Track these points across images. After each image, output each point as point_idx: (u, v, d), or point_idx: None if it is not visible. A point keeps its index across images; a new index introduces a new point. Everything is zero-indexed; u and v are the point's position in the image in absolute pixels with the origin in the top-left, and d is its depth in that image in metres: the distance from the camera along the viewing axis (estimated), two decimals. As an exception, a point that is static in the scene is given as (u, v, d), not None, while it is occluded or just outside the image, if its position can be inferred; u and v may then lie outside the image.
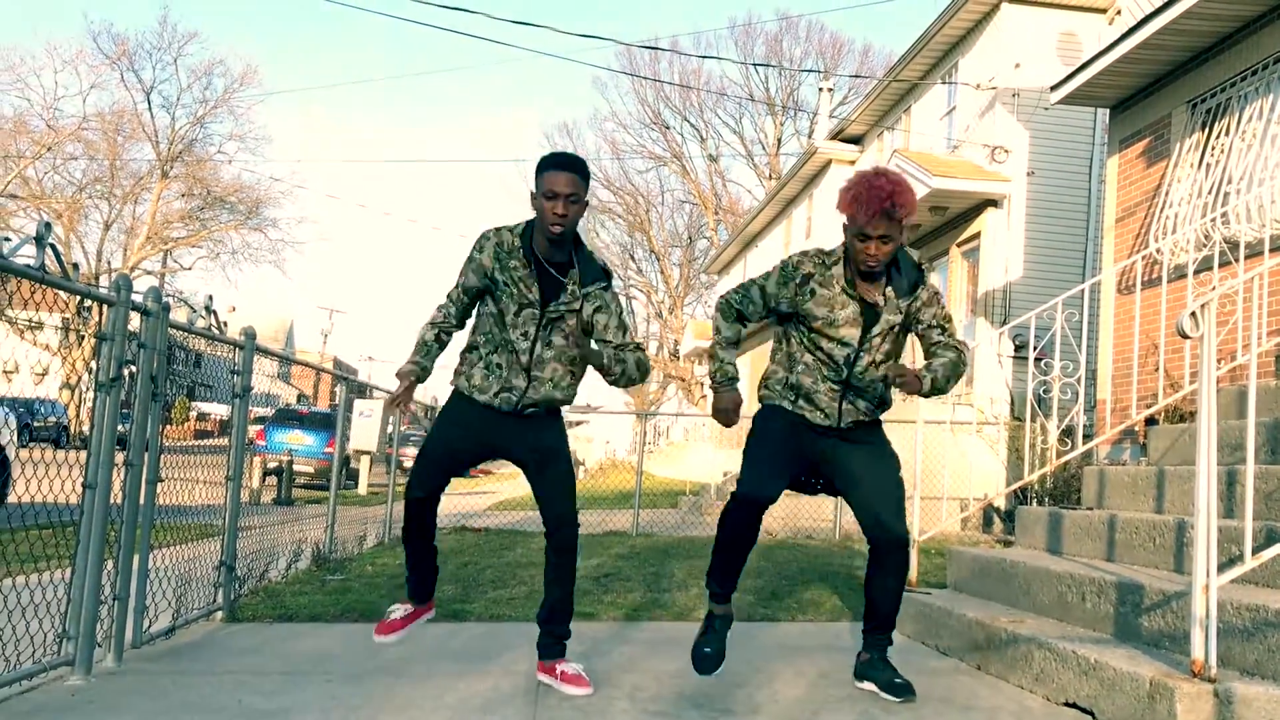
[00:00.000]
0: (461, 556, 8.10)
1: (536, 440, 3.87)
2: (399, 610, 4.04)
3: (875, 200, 3.47)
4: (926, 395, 3.69)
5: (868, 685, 3.85)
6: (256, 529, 7.03)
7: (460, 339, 3.95)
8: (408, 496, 3.90)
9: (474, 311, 3.93)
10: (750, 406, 3.94)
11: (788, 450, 3.76)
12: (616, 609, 5.76)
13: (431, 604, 4.16)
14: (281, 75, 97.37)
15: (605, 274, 3.88)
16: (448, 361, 4.04)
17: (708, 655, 3.80)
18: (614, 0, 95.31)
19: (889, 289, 3.67)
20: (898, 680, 3.77)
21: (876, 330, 3.67)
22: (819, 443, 3.76)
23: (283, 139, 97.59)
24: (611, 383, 3.89)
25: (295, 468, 16.70)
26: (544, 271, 3.75)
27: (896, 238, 3.54)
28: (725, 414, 3.81)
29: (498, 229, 3.82)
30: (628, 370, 3.85)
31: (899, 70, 18.22)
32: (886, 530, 3.70)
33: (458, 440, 3.91)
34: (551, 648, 3.91)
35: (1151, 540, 4.52)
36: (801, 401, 3.75)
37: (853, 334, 3.66)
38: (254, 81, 57.92)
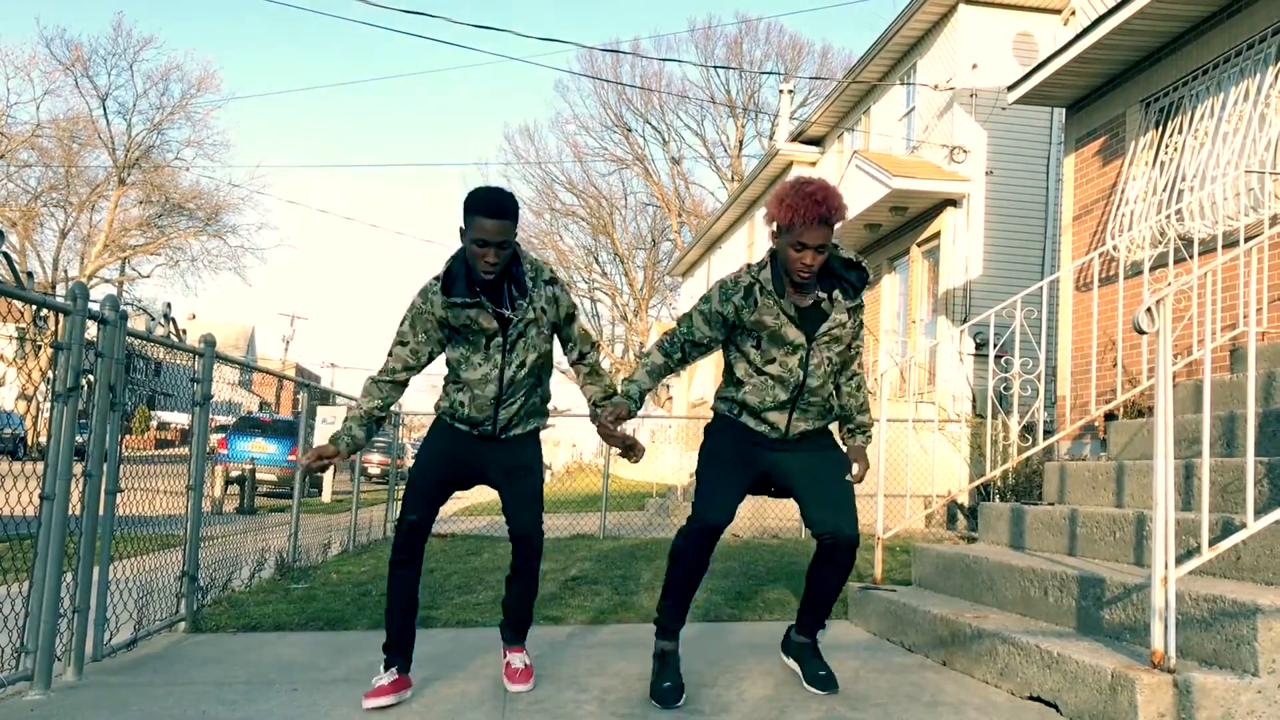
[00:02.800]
0: (427, 563, 8.03)
1: (511, 460, 3.88)
2: (385, 677, 3.76)
3: (812, 208, 3.45)
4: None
5: (793, 664, 4.04)
6: (219, 538, 6.97)
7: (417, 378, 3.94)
8: (400, 521, 3.83)
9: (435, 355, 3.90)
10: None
11: (738, 467, 3.79)
12: (584, 612, 5.75)
13: (410, 681, 3.85)
14: (241, 80, 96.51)
15: (538, 269, 3.82)
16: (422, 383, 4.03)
17: (668, 690, 3.73)
18: (574, 3, 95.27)
19: (835, 292, 3.67)
20: (822, 673, 3.89)
21: (824, 329, 3.67)
22: (768, 453, 3.79)
23: (242, 144, 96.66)
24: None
25: (258, 476, 16.55)
26: (492, 296, 3.71)
27: (829, 245, 3.56)
28: (613, 421, 3.67)
29: (431, 286, 3.76)
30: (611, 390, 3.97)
31: (858, 72, 18.34)
32: (837, 533, 3.70)
33: (443, 467, 3.89)
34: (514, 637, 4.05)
35: (1112, 534, 4.58)
36: (747, 418, 3.78)
37: (800, 336, 3.66)
38: (212, 87, 57.40)
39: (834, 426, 3.95)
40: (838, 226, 3.58)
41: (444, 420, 3.91)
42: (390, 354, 3.83)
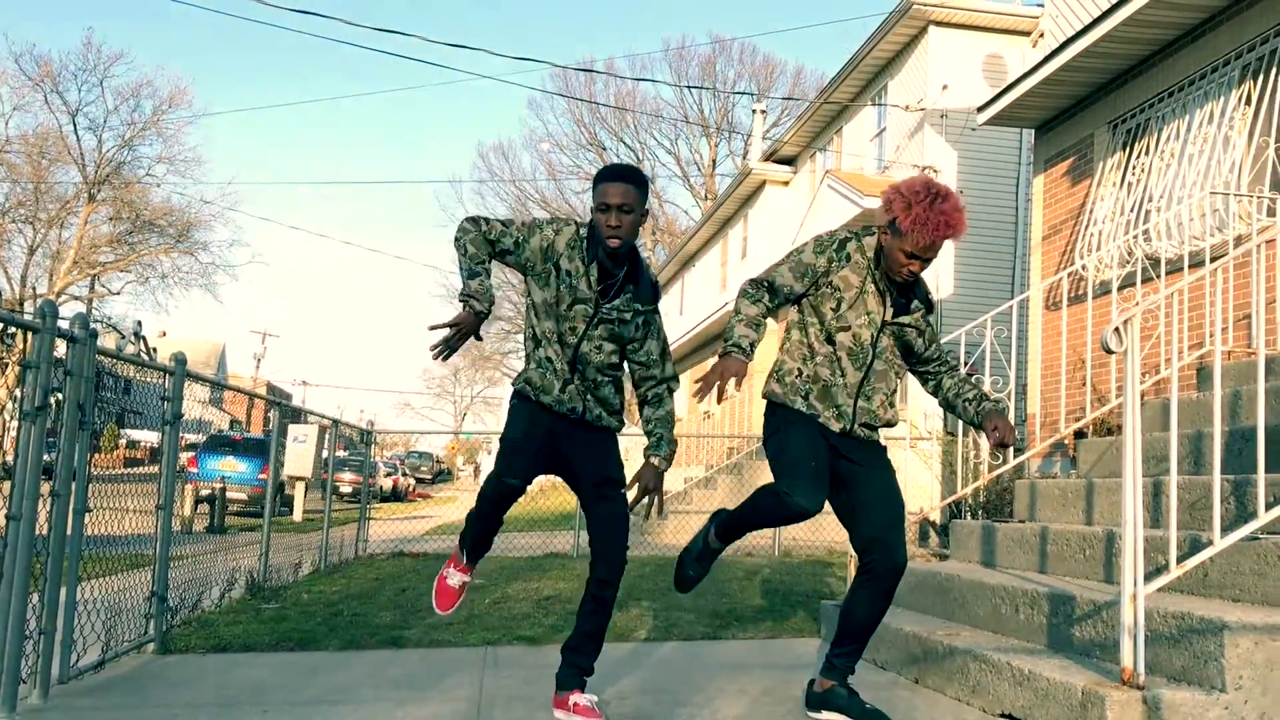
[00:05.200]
0: (399, 582, 8.02)
1: (601, 468, 3.75)
2: (455, 577, 3.97)
3: (942, 229, 3.42)
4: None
5: (828, 715, 3.74)
6: (189, 558, 6.90)
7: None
8: (492, 482, 3.71)
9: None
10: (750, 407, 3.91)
11: (821, 459, 3.57)
12: (558, 632, 5.73)
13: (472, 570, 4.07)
14: (213, 97, 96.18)
15: (656, 294, 3.82)
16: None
17: (690, 578, 3.83)
18: (549, 23, 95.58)
19: (915, 301, 3.67)
20: (868, 707, 3.69)
21: (906, 319, 3.64)
22: (837, 460, 3.62)
23: (214, 161, 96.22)
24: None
25: (228, 495, 16.41)
26: (605, 272, 3.65)
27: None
28: (727, 374, 3.39)
29: (568, 223, 3.71)
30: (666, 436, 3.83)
31: (830, 92, 18.48)
32: (891, 556, 3.58)
33: (536, 439, 3.73)
34: (571, 679, 3.77)
35: (1082, 551, 4.61)
36: (815, 400, 3.61)
37: (880, 309, 3.58)
38: (183, 103, 56.91)
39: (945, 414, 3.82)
40: None
41: (526, 396, 3.75)
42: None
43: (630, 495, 3.76)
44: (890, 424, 3.72)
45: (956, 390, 3.82)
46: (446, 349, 3.47)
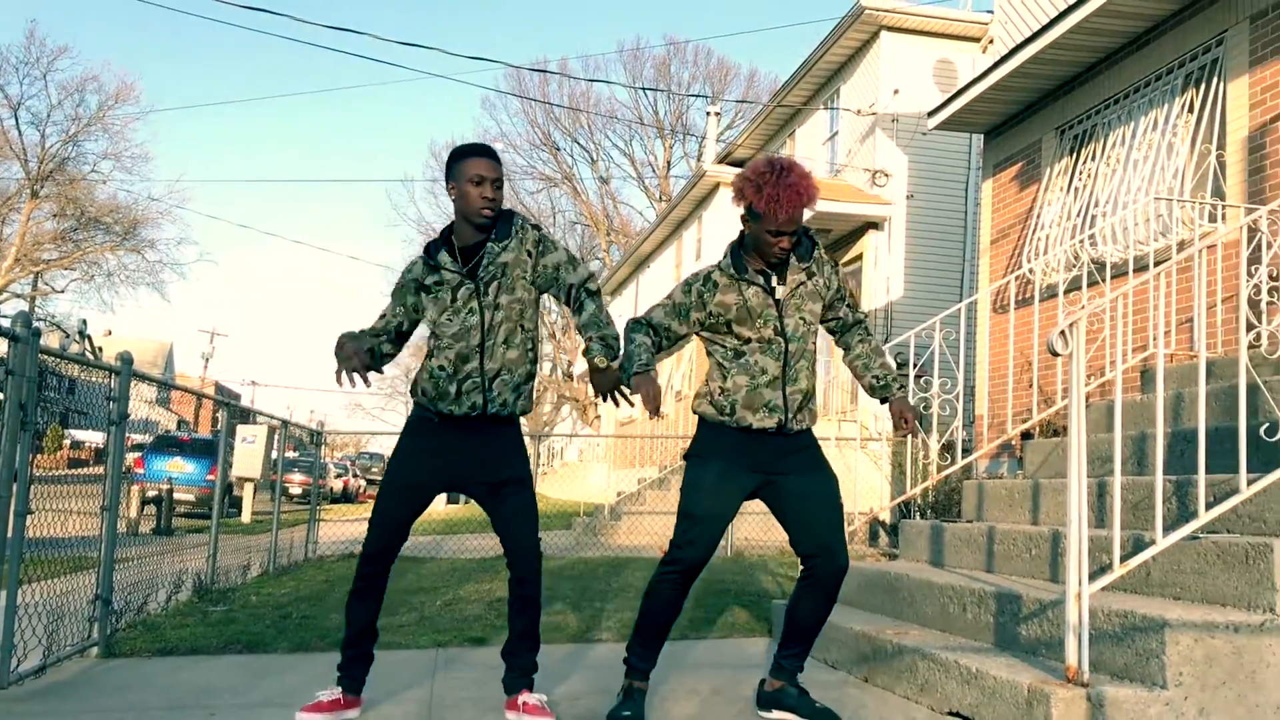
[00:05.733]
0: (349, 584, 7.93)
1: (497, 470, 3.70)
2: (328, 694, 3.73)
3: (795, 200, 3.48)
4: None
5: (778, 715, 3.78)
6: (135, 560, 6.80)
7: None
8: (365, 546, 3.71)
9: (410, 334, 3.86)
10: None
11: (728, 495, 3.63)
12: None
13: (360, 700, 3.83)
14: (161, 93, 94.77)
15: (519, 218, 3.79)
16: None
17: (627, 718, 3.65)
18: (502, 22, 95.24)
19: (790, 258, 3.68)
20: (819, 706, 3.73)
21: (790, 284, 3.65)
22: (759, 474, 3.64)
23: (163, 158, 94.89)
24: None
25: (176, 496, 16.18)
26: (465, 252, 3.69)
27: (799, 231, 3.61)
28: (649, 395, 3.46)
29: (412, 264, 3.81)
30: (612, 340, 3.69)
31: (783, 95, 18.59)
32: (831, 558, 3.62)
33: (416, 489, 3.74)
34: (516, 681, 3.75)
35: (1028, 551, 4.68)
36: (742, 409, 3.62)
37: (765, 301, 3.63)
38: (130, 98, 56.14)
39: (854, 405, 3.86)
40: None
41: (421, 413, 3.75)
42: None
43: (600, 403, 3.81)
44: (812, 393, 3.73)
45: (865, 361, 3.87)
46: (350, 380, 3.61)
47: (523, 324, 3.72)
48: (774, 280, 3.66)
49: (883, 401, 3.87)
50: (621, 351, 3.66)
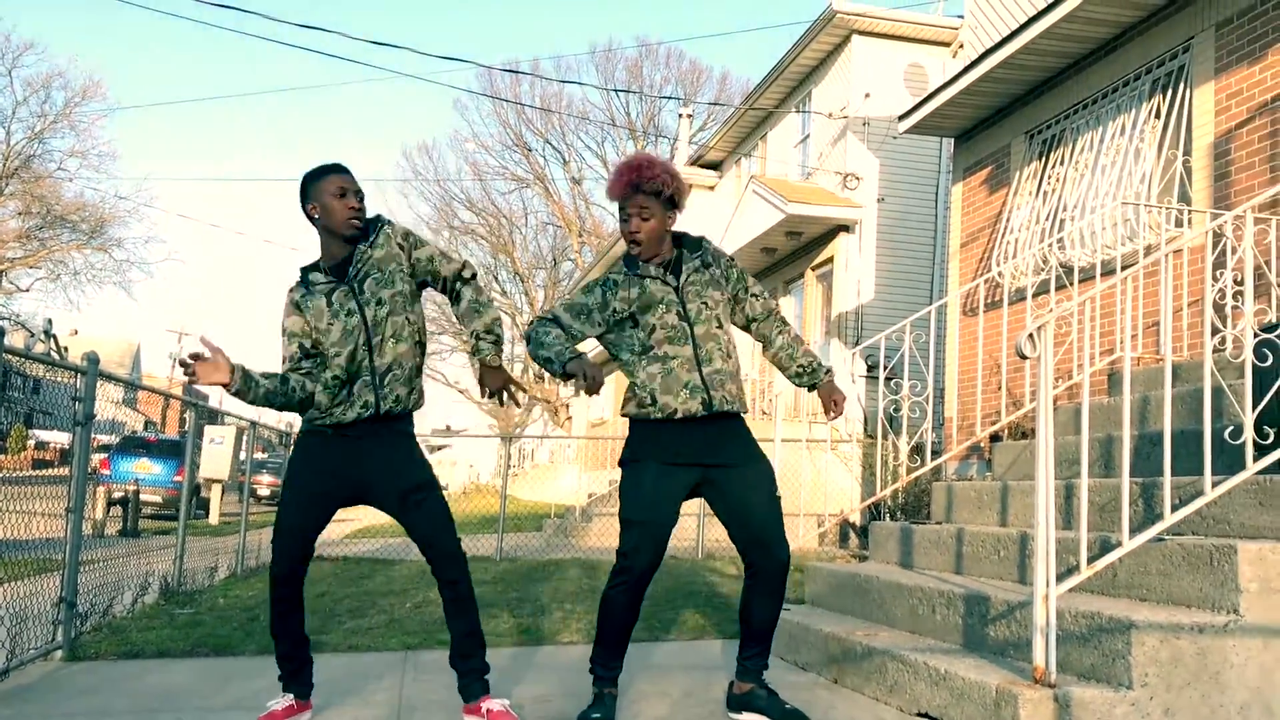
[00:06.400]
0: (318, 586, 7.90)
1: (399, 480, 3.64)
2: (279, 702, 3.70)
3: (624, 172, 3.65)
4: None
5: (749, 717, 3.76)
6: (100, 562, 6.73)
7: None
8: (271, 572, 3.65)
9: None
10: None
11: (667, 496, 3.61)
12: (479, 635, 5.69)
13: (310, 704, 3.81)
14: (129, 90, 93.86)
15: (382, 218, 3.77)
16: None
17: None
18: (474, 22, 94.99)
19: (682, 253, 3.77)
20: (788, 707, 3.72)
21: (685, 277, 3.70)
22: (696, 468, 3.63)
23: (130, 156, 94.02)
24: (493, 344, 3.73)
25: (142, 497, 16.03)
26: (337, 266, 3.68)
27: (656, 213, 3.66)
28: (589, 381, 3.44)
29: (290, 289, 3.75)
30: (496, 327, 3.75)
31: (755, 98, 18.64)
32: (772, 554, 3.65)
33: (314, 507, 3.66)
34: (471, 686, 3.68)
35: (996, 552, 4.71)
36: (663, 395, 3.61)
37: (665, 290, 3.67)
38: (98, 95, 55.66)
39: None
40: (666, 193, 3.67)
41: (312, 430, 3.68)
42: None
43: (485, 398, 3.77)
44: (734, 373, 3.73)
45: (790, 352, 3.89)
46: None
47: (408, 316, 3.70)
48: (668, 274, 3.72)
49: (810, 389, 3.90)
50: (533, 349, 3.67)
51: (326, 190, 3.64)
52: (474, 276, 3.80)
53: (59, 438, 37.86)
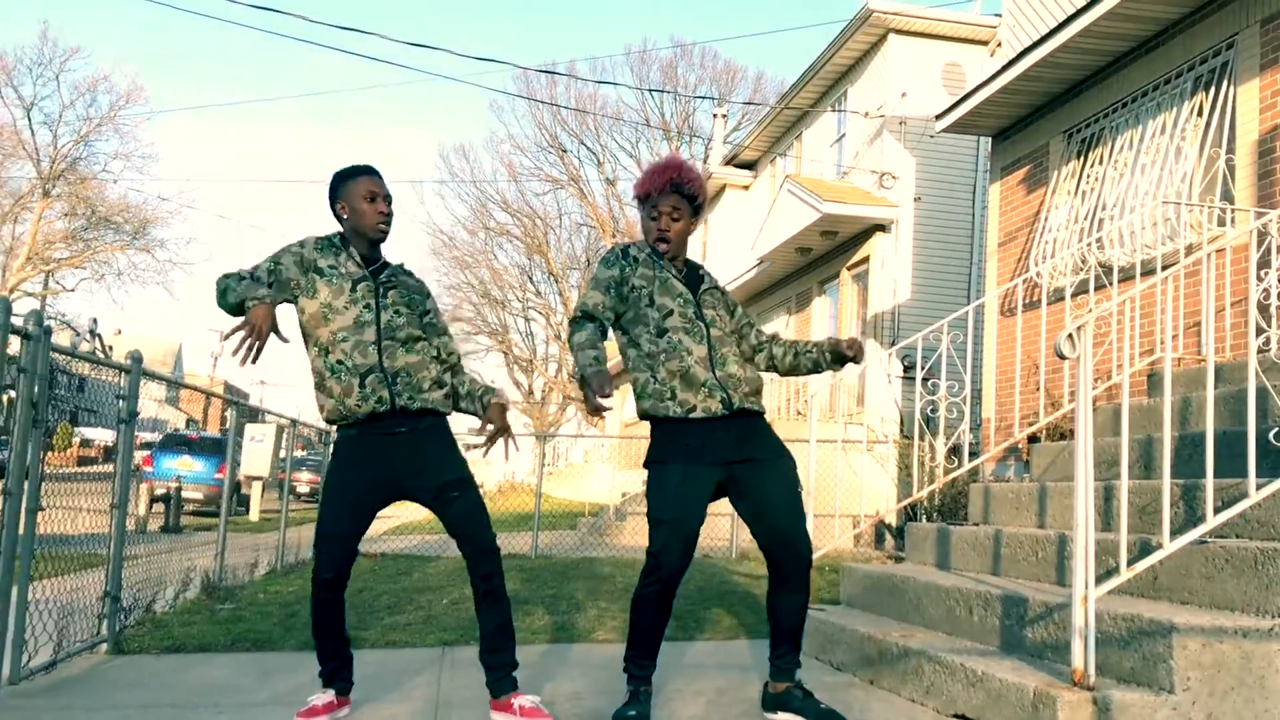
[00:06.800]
0: (356, 582, 7.96)
1: (436, 475, 3.67)
2: (320, 697, 3.72)
3: (659, 170, 3.70)
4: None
5: (784, 716, 3.76)
6: (143, 558, 6.83)
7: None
8: (314, 575, 3.68)
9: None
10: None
11: (695, 494, 3.61)
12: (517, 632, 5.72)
13: (350, 699, 3.85)
14: (172, 93, 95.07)
15: (421, 283, 3.91)
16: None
17: (633, 717, 3.62)
18: (511, 25, 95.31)
19: (696, 269, 3.86)
20: (824, 707, 3.71)
21: (702, 289, 3.78)
22: (721, 468, 3.63)
23: (172, 158, 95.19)
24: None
25: (184, 494, 16.24)
26: (366, 259, 3.75)
27: (685, 216, 3.72)
28: (596, 392, 3.39)
29: (309, 238, 3.77)
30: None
31: (790, 98, 18.59)
32: (794, 552, 3.66)
33: (355, 511, 3.69)
34: (501, 682, 3.71)
35: (1034, 554, 4.68)
36: (682, 393, 3.61)
37: (684, 288, 3.73)
38: (141, 99, 56.25)
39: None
40: (697, 199, 3.75)
41: (345, 431, 3.69)
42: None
43: (484, 440, 3.88)
44: (755, 387, 3.75)
45: (796, 348, 3.92)
46: (249, 352, 3.42)
47: (423, 335, 3.76)
48: (689, 281, 3.79)
49: (823, 362, 3.88)
50: (570, 347, 3.69)
51: (357, 192, 3.70)
52: (459, 363, 3.94)
53: (103, 435, 38.41)
